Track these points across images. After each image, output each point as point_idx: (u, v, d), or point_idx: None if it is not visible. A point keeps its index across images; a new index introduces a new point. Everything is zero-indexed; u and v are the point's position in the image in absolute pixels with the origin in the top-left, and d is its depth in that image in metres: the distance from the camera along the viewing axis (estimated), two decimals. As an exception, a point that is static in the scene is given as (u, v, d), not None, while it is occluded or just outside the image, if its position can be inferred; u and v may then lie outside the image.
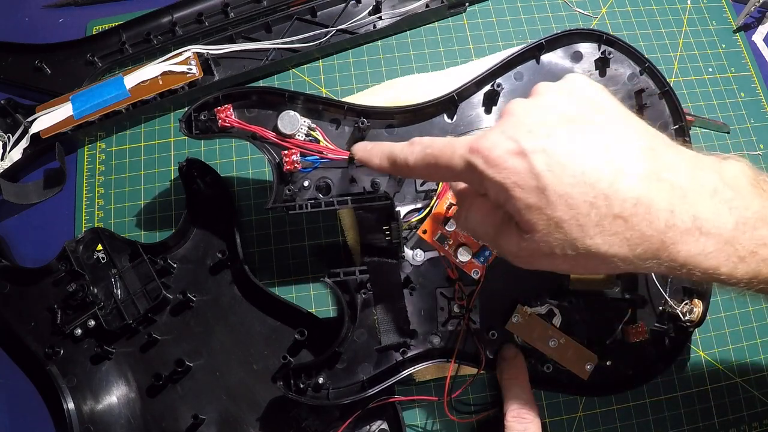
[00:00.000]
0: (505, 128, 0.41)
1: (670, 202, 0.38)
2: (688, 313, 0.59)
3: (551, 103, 0.42)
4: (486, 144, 0.40)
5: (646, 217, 0.38)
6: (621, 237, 0.38)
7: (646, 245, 0.38)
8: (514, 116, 0.42)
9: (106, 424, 0.63)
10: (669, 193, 0.38)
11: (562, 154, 0.38)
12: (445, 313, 0.61)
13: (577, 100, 0.42)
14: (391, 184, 0.61)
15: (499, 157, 0.39)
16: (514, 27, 0.82)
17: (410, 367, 0.58)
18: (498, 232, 0.44)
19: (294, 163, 0.58)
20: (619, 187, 0.37)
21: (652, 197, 0.38)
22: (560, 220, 0.38)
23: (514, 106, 0.43)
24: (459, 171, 0.43)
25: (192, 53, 0.74)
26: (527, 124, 0.41)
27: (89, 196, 0.74)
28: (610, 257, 0.39)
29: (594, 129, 0.40)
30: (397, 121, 0.61)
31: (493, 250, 0.46)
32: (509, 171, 0.39)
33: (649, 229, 0.38)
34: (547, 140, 0.39)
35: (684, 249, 0.38)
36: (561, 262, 0.41)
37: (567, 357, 0.60)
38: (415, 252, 0.61)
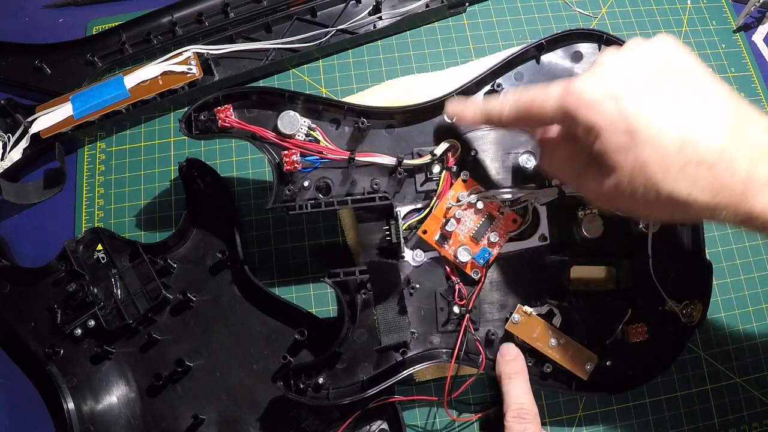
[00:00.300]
0: (597, 74, 0.43)
1: (751, 157, 0.40)
2: (688, 314, 0.59)
3: (642, 57, 0.44)
4: (580, 86, 0.43)
5: (728, 166, 0.40)
6: (703, 183, 0.40)
7: (726, 194, 0.40)
8: (605, 65, 0.44)
9: (106, 424, 0.63)
10: (750, 149, 0.40)
11: (652, 101, 0.41)
12: (444, 313, 0.61)
13: (667, 57, 0.44)
14: (391, 185, 0.61)
15: (592, 98, 0.42)
16: (514, 27, 0.82)
17: (410, 368, 0.58)
18: (581, 173, 0.46)
19: (294, 164, 0.58)
20: (705, 134, 0.40)
21: (735, 150, 0.40)
22: (646, 162, 0.41)
23: (606, 57, 0.45)
24: (552, 113, 0.45)
25: (192, 53, 0.74)
26: (620, 71, 0.43)
27: (89, 196, 0.74)
28: (690, 203, 0.41)
29: (684, 83, 0.42)
30: (397, 121, 0.61)
31: (576, 189, 0.48)
32: (602, 112, 0.42)
33: (731, 178, 0.40)
34: (638, 88, 0.41)
35: (762, 200, 0.40)
36: (640, 205, 0.43)
37: (567, 357, 0.60)
38: (415, 252, 0.61)
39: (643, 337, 0.60)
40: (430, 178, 0.61)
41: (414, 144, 0.61)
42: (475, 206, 0.60)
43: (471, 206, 0.60)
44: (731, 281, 0.72)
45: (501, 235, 0.60)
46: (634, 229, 0.61)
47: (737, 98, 0.43)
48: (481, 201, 0.60)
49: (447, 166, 0.60)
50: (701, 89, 0.42)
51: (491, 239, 0.60)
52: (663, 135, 0.40)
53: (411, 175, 0.61)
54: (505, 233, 0.60)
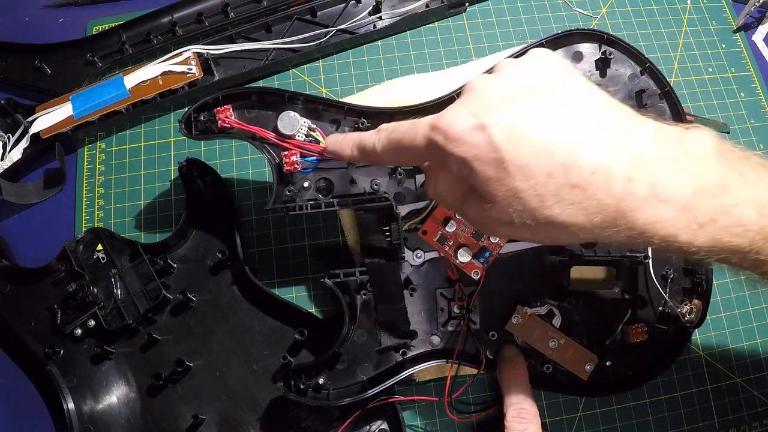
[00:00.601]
0: (464, 104, 0.42)
1: (628, 170, 0.38)
2: (688, 314, 0.59)
3: (512, 78, 0.42)
4: (446, 121, 0.41)
5: (603, 185, 0.38)
6: (579, 206, 0.38)
7: (604, 213, 0.38)
8: (474, 92, 0.43)
9: (106, 424, 0.63)
10: (627, 162, 0.38)
11: (521, 125, 0.39)
12: (445, 313, 0.61)
13: (539, 73, 0.42)
14: (392, 185, 0.61)
15: (458, 132, 0.40)
16: (514, 27, 0.82)
17: (410, 368, 0.58)
18: (462, 201, 0.45)
19: (294, 164, 0.58)
20: (576, 156, 0.38)
21: (609, 166, 0.38)
22: (518, 190, 0.39)
23: (475, 82, 0.43)
24: (422, 150, 0.44)
25: (192, 53, 0.74)
26: (487, 98, 0.41)
27: (89, 196, 0.74)
28: (569, 226, 0.39)
29: (554, 100, 0.40)
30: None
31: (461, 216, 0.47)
32: (469, 145, 0.40)
33: (607, 197, 0.38)
34: (506, 113, 0.39)
35: (642, 216, 0.38)
36: (522, 231, 0.42)
37: (567, 357, 0.60)
38: (415, 253, 0.61)
39: (642, 338, 0.60)
40: (431, 178, 0.61)
41: (414, 144, 0.61)
42: (475, 206, 0.60)
43: (471, 206, 0.60)
44: (731, 281, 0.72)
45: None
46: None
47: (615, 106, 0.41)
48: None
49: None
50: (575, 101, 0.40)
51: (491, 239, 0.60)
52: (533, 163, 0.38)
53: (411, 176, 0.61)
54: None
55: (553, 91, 0.41)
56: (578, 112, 0.40)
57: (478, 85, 0.43)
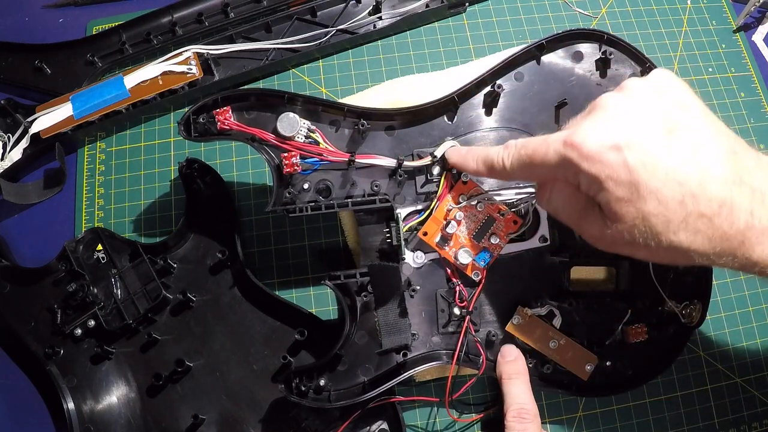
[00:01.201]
0: (597, 122, 0.43)
1: (750, 204, 0.40)
2: (688, 314, 0.59)
3: (641, 100, 0.43)
4: (580, 137, 0.42)
5: (728, 218, 0.40)
6: (703, 234, 0.41)
7: (725, 244, 0.41)
8: (606, 110, 0.44)
9: (106, 424, 0.63)
10: (749, 196, 0.41)
11: (655, 151, 0.41)
12: (445, 315, 0.61)
13: (666, 99, 0.43)
14: (392, 186, 0.61)
15: (593, 151, 0.41)
16: (514, 27, 0.82)
17: (411, 369, 0.58)
18: (581, 216, 0.46)
19: (294, 166, 0.58)
20: (706, 187, 0.40)
21: (734, 199, 0.40)
22: (648, 214, 0.41)
23: (606, 101, 0.44)
24: (554, 165, 0.44)
25: (192, 53, 0.74)
26: (619, 119, 0.42)
27: (89, 196, 0.74)
28: (691, 252, 0.42)
29: (683, 129, 0.42)
30: (397, 123, 0.61)
31: (576, 230, 0.48)
32: (604, 164, 0.41)
33: (731, 228, 0.40)
34: (641, 137, 0.41)
35: (759, 249, 0.41)
36: (641, 251, 0.44)
37: (567, 358, 0.60)
38: (415, 254, 0.61)
39: (642, 338, 0.60)
40: (431, 180, 0.61)
41: (414, 145, 0.61)
42: (475, 208, 0.60)
43: (471, 208, 0.60)
44: (731, 281, 0.72)
45: (501, 236, 0.60)
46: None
47: (734, 138, 0.43)
48: (482, 203, 0.60)
49: (447, 167, 0.60)
50: (700, 131, 0.42)
51: (492, 241, 0.60)
52: (665, 189, 0.40)
53: (411, 177, 0.61)
54: (505, 235, 0.60)
55: (680, 118, 0.42)
56: (705, 143, 0.41)
57: (609, 104, 0.44)
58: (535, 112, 0.62)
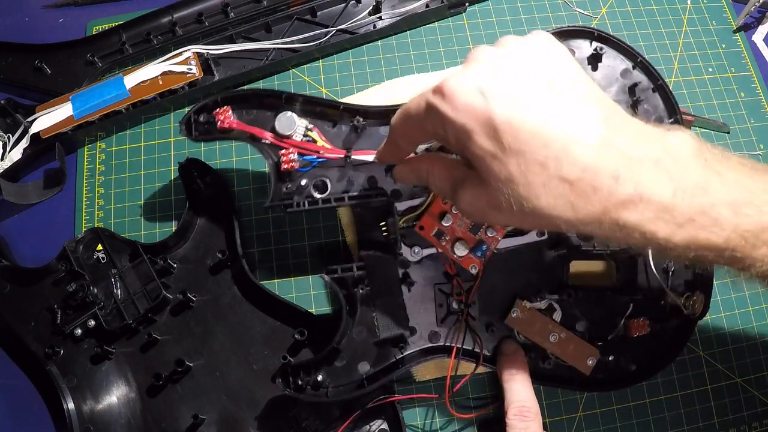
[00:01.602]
0: (467, 72, 0.41)
1: (616, 169, 0.39)
2: (690, 306, 0.59)
3: (516, 56, 0.42)
4: (448, 84, 0.41)
5: (591, 183, 0.38)
6: (565, 200, 0.39)
7: (589, 209, 0.39)
8: (478, 61, 0.42)
9: (106, 424, 0.63)
10: (616, 161, 0.39)
11: (522, 109, 0.39)
12: (443, 309, 0.61)
13: (541, 58, 0.42)
14: (389, 182, 0.61)
15: (456, 93, 0.40)
16: (514, 27, 0.82)
17: (409, 364, 0.58)
18: (455, 184, 0.46)
19: (291, 162, 0.58)
20: (570, 151, 0.38)
21: (599, 164, 0.38)
22: (511, 175, 0.39)
23: (479, 53, 0.42)
24: (423, 115, 0.43)
25: (192, 53, 0.74)
26: (490, 68, 0.41)
27: (89, 196, 0.74)
28: (554, 218, 0.40)
29: (554, 90, 0.40)
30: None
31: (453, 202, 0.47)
32: (470, 114, 0.40)
33: (594, 194, 0.39)
34: (509, 87, 0.39)
35: (624, 215, 0.39)
36: (509, 217, 0.42)
37: (568, 352, 0.60)
38: (413, 248, 0.61)
39: (645, 331, 0.60)
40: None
41: (410, 141, 0.61)
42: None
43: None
44: (731, 281, 0.72)
45: (498, 229, 0.60)
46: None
47: (608, 103, 0.42)
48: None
49: None
50: (573, 93, 0.41)
51: (488, 234, 0.60)
52: (527, 149, 0.39)
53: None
54: (502, 228, 0.60)
55: (554, 79, 0.41)
56: (576, 106, 0.40)
57: (481, 56, 0.42)
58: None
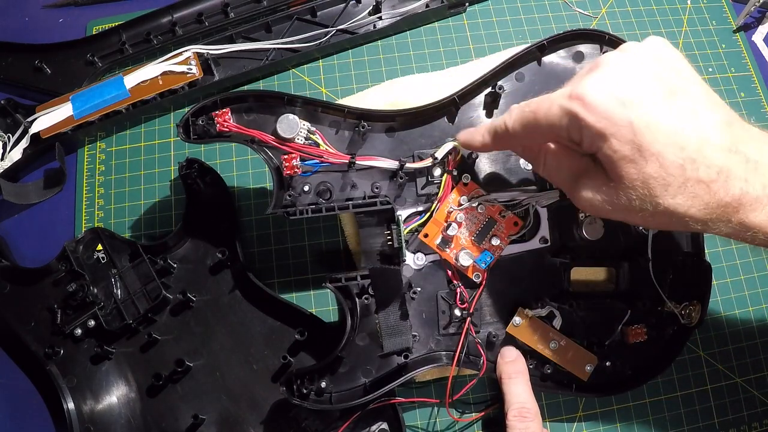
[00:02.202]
0: (602, 77, 0.42)
1: (745, 173, 0.41)
2: (687, 315, 0.59)
3: (641, 62, 0.43)
4: (586, 91, 0.42)
5: (724, 185, 0.41)
6: (700, 200, 0.41)
7: (720, 210, 0.42)
8: (609, 67, 0.43)
9: (106, 424, 0.63)
10: (744, 165, 0.41)
11: (657, 112, 0.41)
12: (446, 316, 0.61)
13: (664, 64, 0.43)
14: (392, 188, 0.61)
15: (599, 103, 0.41)
16: (514, 27, 0.82)
17: (412, 371, 0.58)
18: (577, 177, 0.46)
19: (294, 168, 0.58)
20: (705, 153, 0.41)
21: (730, 167, 0.41)
22: (649, 176, 0.41)
23: (608, 58, 0.44)
24: (557, 120, 0.44)
25: (192, 53, 0.74)
26: (623, 75, 0.42)
27: (89, 196, 0.74)
28: (687, 217, 0.42)
29: (682, 94, 0.42)
30: (398, 124, 0.61)
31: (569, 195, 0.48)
32: (609, 119, 0.41)
33: (726, 195, 0.41)
34: (644, 96, 0.41)
35: (753, 215, 0.42)
36: (635, 215, 0.44)
37: (567, 359, 0.60)
38: (416, 256, 0.61)
39: (642, 338, 0.60)
40: (431, 182, 0.61)
41: (415, 147, 0.61)
42: (476, 209, 0.60)
43: (472, 209, 0.60)
44: (731, 281, 0.72)
45: (502, 238, 0.60)
46: (634, 230, 0.61)
47: (728, 108, 0.44)
48: (482, 204, 0.60)
49: (448, 169, 0.60)
50: (699, 98, 0.42)
51: (493, 242, 0.60)
52: (667, 152, 0.40)
53: (412, 179, 0.61)
54: (506, 236, 0.60)
55: (679, 84, 0.43)
56: (704, 110, 0.42)
57: (611, 61, 0.43)
58: (536, 113, 0.62)
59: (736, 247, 0.74)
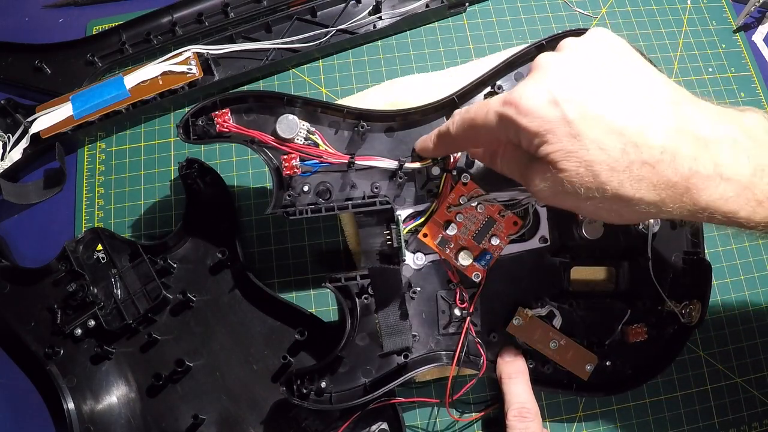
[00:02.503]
0: (534, 80, 0.43)
1: (694, 151, 0.40)
2: (687, 314, 0.59)
3: (579, 56, 0.44)
4: (517, 95, 0.43)
5: (671, 164, 0.40)
6: (648, 182, 0.41)
7: (670, 191, 0.41)
8: (542, 69, 0.44)
9: (106, 424, 0.63)
10: (692, 143, 0.41)
11: (593, 102, 0.41)
12: (446, 316, 0.61)
13: (604, 52, 0.44)
14: (392, 188, 0.61)
15: (531, 106, 0.42)
16: (514, 27, 0.82)
17: (412, 371, 0.58)
18: (526, 169, 0.46)
19: (293, 168, 0.58)
20: (647, 135, 0.40)
21: (677, 146, 0.40)
22: (592, 162, 0.41)
23: (543, 59, 0.45)
24: (494, 125, 0.45)
25: (192, 53, 0.74)
26: (556, 75, 0.43)
27: (89, 196, 0.74)
28: (636, 200, 0.42)
29: (622, 79, 0.42)
30: (398, 124, 0.61)
31: (525, 186, 0.48)
32: (542, 119, 0.42)
33: (675, 175, 0.40)
34: (578, 89, 0.42)
35: (706, 194, 0.41)
36: (586, 203, 0.44)
37: (567, 358, 0.60)
38: (416, 256, 0.61)
39: (642, 338, 0.60)
40: (431, 181, 0.61)
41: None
42: (475, 209, 0.60)
43: (471, 209, 0.60)
44: (731, 281, 0.72)
45: (502, 237, 0.60)
46: (634, 230, 0.61)
47: (675, 88, 0.43)
48: (482, 204, 0.60)
49: (447, 168, 0.60)
50: (641, 81, 0.43)
51: (492, 242, 0.60)
52: (607, 139, 0.40)
53: (411, 179, 0.61)
54: (505, 236, 0.60)
55: (619, 70, 0.43)
56: (645, 93, 0.42)
57: (545, 63, 0.44)
58: (536, 112, 0.62)
59: (736, 247, 0.74)
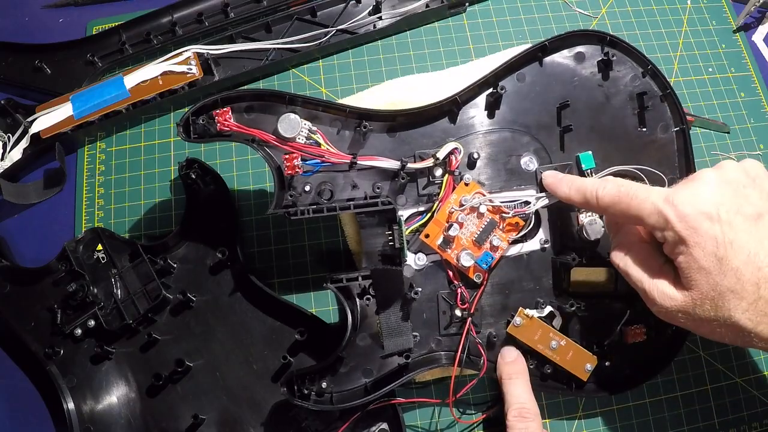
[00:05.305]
0: (697, 191, 0.46)
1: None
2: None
3: (735, 182, 0.48)
4: (680, 199, 0.46)
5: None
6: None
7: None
8: (704, 183, 0.47)
9: (106, 424, 0.63)
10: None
11: (742, 232, 0.45)
12: (447, 316, 0.61)
13: (756, 187, 0.48)
14: (393, 188, 0.61)
15: (690, 215, 0.45)
16: (514, 27, 0.82)
17: (412, 371, 0.58)
18: (653, 277, 0.49)
19: (295, 168, 0.58)
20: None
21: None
22: (725, 289, 0.44)
23: (705, 175, 0.48)
24: (647, 215, 0.48)
25: (192, 53, 0.74)
26: (716, 194, 0.46)
27: (89, 196, 0.74)
28: (754, 333, 0.45)
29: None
30: (399, 124, 0.61)
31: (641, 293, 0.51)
32: (696, 230, 0.45)
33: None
34: (732, 215, 0.45)
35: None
36: (703, 324, 0.47)
37: (567, 359, 0.60)
38: (417, 256, 0.61)
39: (641, 338, 0.60)
40: (433, 182, 0.61)
41: (416, 147, 0.61)
42: (477, 210, 0.60)
43: (473, 210, 0.60)
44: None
45: (503, 238, 0.60)
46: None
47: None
48: (484, 205, 0.60)
49: (449, 169, 0.60)
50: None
51: (494, 243, 0.60)
52: (745, 269, 0.44)
53: (413, 179, 0.61)
54: (507, 237, 0.60)
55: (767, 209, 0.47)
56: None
57: (707, 178, 0.47)
58: (537, 113, 0.62)
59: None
